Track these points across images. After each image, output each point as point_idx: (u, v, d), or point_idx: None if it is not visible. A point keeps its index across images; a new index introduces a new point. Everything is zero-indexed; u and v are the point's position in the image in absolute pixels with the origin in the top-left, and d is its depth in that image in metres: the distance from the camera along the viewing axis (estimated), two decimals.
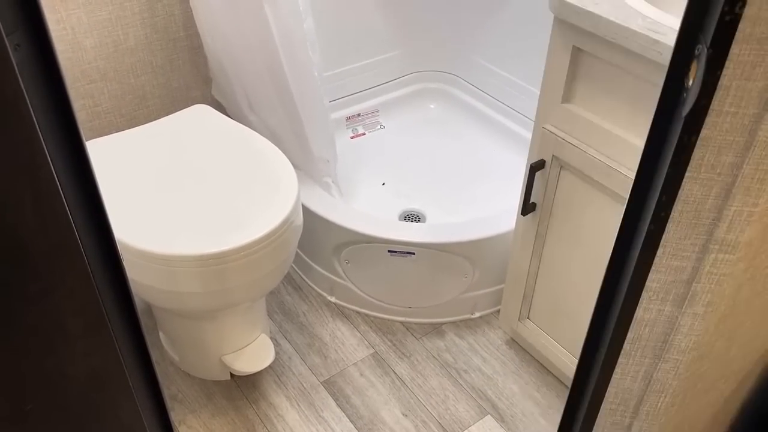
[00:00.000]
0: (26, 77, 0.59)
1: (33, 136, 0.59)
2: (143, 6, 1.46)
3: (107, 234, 0.75)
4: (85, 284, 0.69)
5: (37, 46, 0.62)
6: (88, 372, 0.72)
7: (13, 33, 0.60)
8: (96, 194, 0.72)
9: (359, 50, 1.93)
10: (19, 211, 0.60)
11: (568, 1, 1.07)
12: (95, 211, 0.73)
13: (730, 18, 0.47)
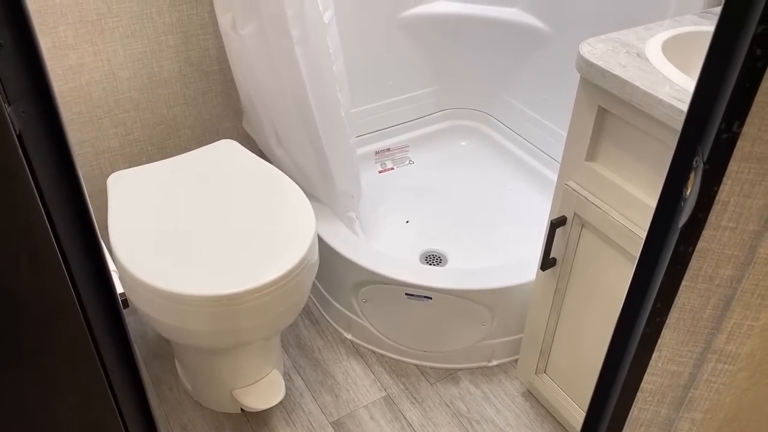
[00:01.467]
0: (30, 141, 0.61)
1: (31, 200, 0.60)
2: (178, 40, 1.49)
3: (109, 289, 0.76)
4: (81, 341, 0.70)
5: (42, 110, 0.63)
6: (83, 426, 0.73)
7: (19, 100, 0.61)
8: (99, 250, 0.73)
9: (393, 87, 1.94)
10: (15, 271, 0.61)
11: (595, 62, 1.05)
12: (98, 267, 0.74)
13: (727, 136, 0.45)
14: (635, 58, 1.06)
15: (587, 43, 1.10)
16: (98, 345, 0.72)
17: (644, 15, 1.44)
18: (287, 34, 1.35)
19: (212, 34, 1.53)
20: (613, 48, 1.09)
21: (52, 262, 0.64)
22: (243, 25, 1.42)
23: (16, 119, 0.60)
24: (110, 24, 1.39)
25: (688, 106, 0.47)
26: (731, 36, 0.43)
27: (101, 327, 0.73)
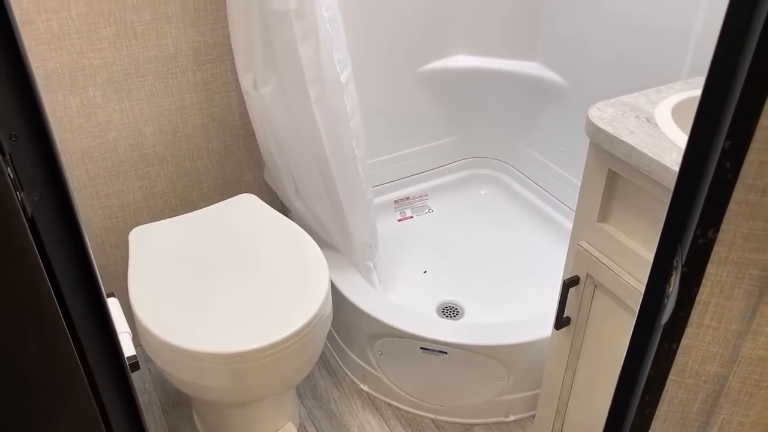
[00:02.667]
0: (42, 222, 0.64)
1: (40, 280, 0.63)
2: (202, 97, 1.55)
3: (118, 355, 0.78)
4: (87, 408, 0.72)
5: (54, 193, 0.66)
6: None
7: (32, 186, 0.65)
8: (108, 320, 0.75)
9: (411, 138, 1.96)
10: (23, 344, 0.64)
11: (603, 128, 1.05)
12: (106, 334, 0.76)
13: (704, 242, 0.45)
14: (644, 123, 1.06)
15: (597, 108, 1.11)
16: (105, 410, 0.74)
17: (659, 74, 1.45)
18: (306, 93, 1.39)
19: (235, 91, 1.58)
20: (623, 112, 1.10)
21: (59, 336, 0.66)
22: (263, 84, 1.47)
23: (28, 203, 0.64)
24: (137, 83, 1.45)
25: (667, 209, 0.48)
26: (702, 149, 0.44)
27: (109, 393, 0.76)
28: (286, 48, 1.36)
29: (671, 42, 1.41)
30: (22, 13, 1.27)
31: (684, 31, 1.37)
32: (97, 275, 0.72)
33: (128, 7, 1.36)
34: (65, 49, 1.35)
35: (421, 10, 1.75)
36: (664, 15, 1.41)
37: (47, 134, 0.64)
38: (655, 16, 1.44)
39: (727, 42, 0.39)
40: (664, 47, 1.43)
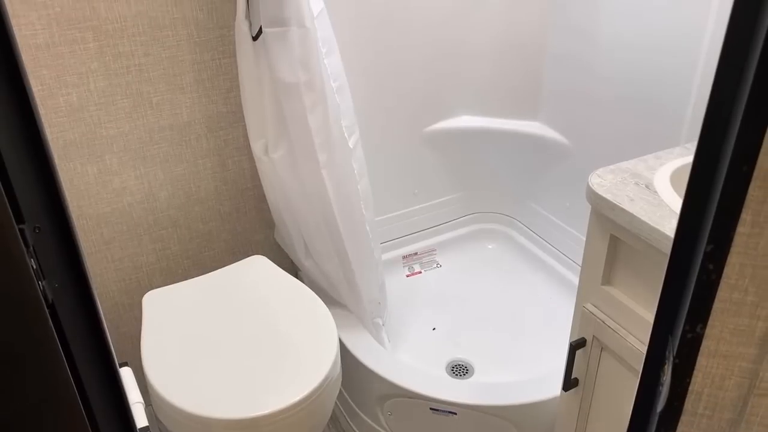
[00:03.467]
0: (62, 308, 0.67)
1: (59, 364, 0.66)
2: (215, 162, 1.59)
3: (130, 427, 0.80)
4: None
5: (75, 280, 0.69)
6: None
7: (53, 274, 0.68)
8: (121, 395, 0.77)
9: (419, 194, 2.00)
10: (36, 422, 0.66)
11: (604, 195, 1.08)
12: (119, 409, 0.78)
13: (692, 336, 0.48)
14: (644, 189, 1.09)
15: (597, 174, 1.15)
16: None
17: (658, 138, 1.48)
18: (315, 159, 1.44)
19: (246, 155, 1.63)
20: (623, 179, 1.13)
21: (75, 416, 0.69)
22: (274, 150, 1.52)
23: (49, 291, 0.67)
24: (152, 151, 1.50)
25: (657, 303, 0.50)
26: (687, 250, 0.46)
27: None
28: (296, 117, 1.41)
29: (670, 103, 1.45)
30: (44, 88, 1.34)
31: (683, 95, 1.41)
32: (113, 353, 0.74)
33: (144, 79, 1.42)
34: (84, 120, 1.40)
35: (425, 74, 1.81)
36: (663, 79, 1.46)
37: (69, 225, 0.67)
38: (654, 79, 1.48)
39: (699, 173, 0.42)
40: (664, 109, 1.47)
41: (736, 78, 0.38)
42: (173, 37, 1.41)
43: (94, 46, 1.34)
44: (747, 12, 0.40)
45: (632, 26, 1.49)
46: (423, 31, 1.74)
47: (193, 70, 1.47)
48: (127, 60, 1.39)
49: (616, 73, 1.58)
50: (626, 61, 1.54)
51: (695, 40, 1.35)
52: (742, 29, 0.42)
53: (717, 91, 0.40)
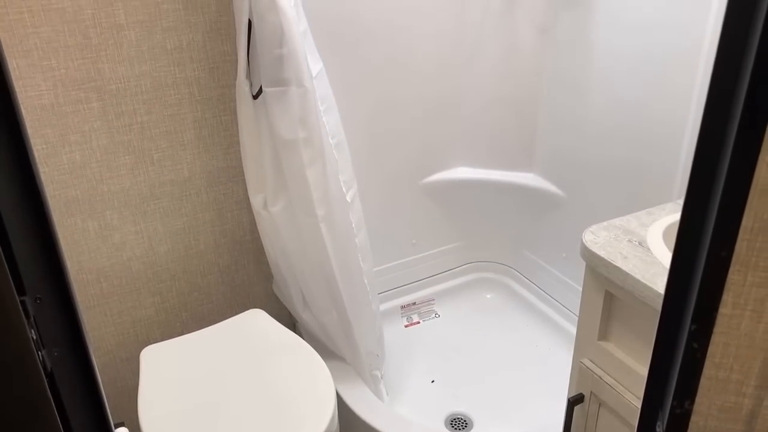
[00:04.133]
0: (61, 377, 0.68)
1: None
2: (214, 216, 1.61)
3: None
4: None
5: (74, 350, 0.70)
6: None
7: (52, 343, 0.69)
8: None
9: (417, 244, 2.01)
10: None
11: (597, 253, 1.10)
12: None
13: (681, 411, 0.48)
14: (637, 247, 1.11)
15: (590, 231, 1.16)
16: None
17: (651, 192, 1.51)
18: (313, 213, 1.45)
19: (246, 209, 1.64)
20: (616, 236, 1.14)
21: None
22: (273, 203, 1.54)
23: (48, 360, 0.68)
24: (152, 206, 1.52)
25: (646, 379, 0.51)
26: (673, 329, 0.47)
27: None
28: (295, 172, 1.43)
29: (661, 161, 1.47)
30: (47, 147, 1.36)
31: (673, 154, 1.44)
32: (110, 420, 0.74)
33: (146, 137, 1.45)
34: (85, 177, 1.43)
35: (423, 127, 1.84)
36: (653, 138, 1.49)
37: (69, 295, 0.69)
38: (645, 137, 1.51)
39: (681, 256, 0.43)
40: (655, 166, 1.50)
41: (710, 175, 0.40)
42: (175, 95, 1.45)
43: (97, 105, 1.38)
44: (717, 120, 0.43)
45: (624, 84, 1.53)
46: (420, 86, 1.78)
47: (195, 127, 1.50)
48: (129, 118, 1.42)
49: (608, 129, 1.61)
50: (618, 118, 1.57)
51: (684, 102, 1.38)
52: (711, 146, 0.44)
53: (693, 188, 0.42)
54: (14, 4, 1.23)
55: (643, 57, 1.46)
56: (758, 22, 0.41)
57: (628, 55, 1.50)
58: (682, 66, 1.38)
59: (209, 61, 1.46)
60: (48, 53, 1.29)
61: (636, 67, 1.49)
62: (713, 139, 0.39)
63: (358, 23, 1.64)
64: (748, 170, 0.39)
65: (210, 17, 1.42)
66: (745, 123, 0.36)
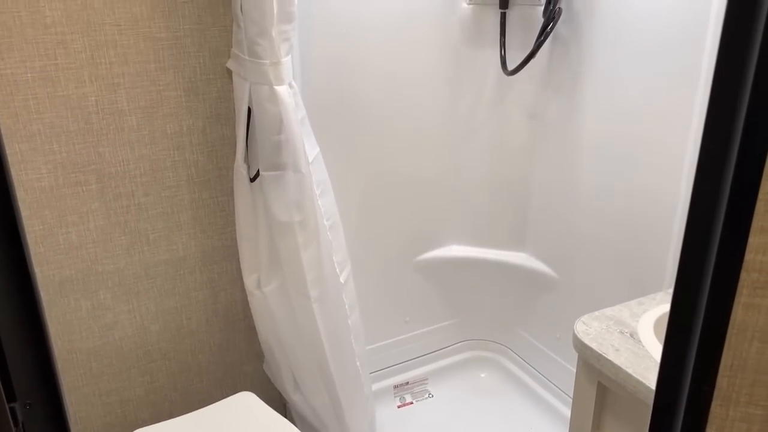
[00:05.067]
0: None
1: None
2: (207, 294, 1.61)
3: None
4: None
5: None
6: None
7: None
8: None
9: (411, 321, 2.01)
10: None
11: (589, 344, 1.10)
12: None
13: None
14: (628, 339, 1.11)
15: (582, 322, 1.17)
16: None
17: (642, 276, 1.52)
18: (306, 294, 1.46)
19: (239, 288, 1.65)
20: (607, 327, 1.15)
21: None
22: (267, 283, 1.54)
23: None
24: (146, 285, 1.53)
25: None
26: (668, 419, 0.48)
27: None
28: (290, 253, 1.44)
29: (652, 247, 1.49)
30: (45, 228, 1.38)
31: (663, 240, 1.46)
32: None
33: (143, 218, 1.47)
34: (81, 257, 1.43)
35: (416, 205, 1.87)
36: (644, 223, 1.51)
37: (60, 400, 0.69)
38: (635, 222, 1.54)
39: (663, 392, 0.44)
40: (646, 250, 1.52)
41: (689, 317, 0.42)
42: (173, 177, 1.47)
43: (96, 187, 1.40)
44: (707, 196, 0.44)
45: (613, 168, 1.57)
46: (414, 166, 1.82)
47: (191, 208, 1.52)
48: (127, 200, 1.44)
49: (598, 213, 1.64)
50: (607, 202, 1.60)
51: (672, 190, 1.42)
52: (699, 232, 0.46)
53: (672, 333, 0.43)
54: (20, 92, 1.27)
55: (631, 143, 1.50)
56: (736, 135, 0.44)
57: (616, 140, 1.55)
58: (668, 155, 1.42)
59: (208, 145, 1.49)
60: (50, 138, 1.32)
61: (624, 152, 1.53)
62: (690, 283, 0.40)
63: (355, 109, 1.68)
64: (725, 311, 0.40)
65: (210, 103, 1.46)
66: (719, 269, 0.38)
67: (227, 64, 1.40)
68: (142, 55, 1.35)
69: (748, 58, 0.44)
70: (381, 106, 1.72)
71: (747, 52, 0.43)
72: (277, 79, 1.31)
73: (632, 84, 1.47)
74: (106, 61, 1.32)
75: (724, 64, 0.39)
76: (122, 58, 1.34)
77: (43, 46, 1.26)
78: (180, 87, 1.41)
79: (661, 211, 1.45)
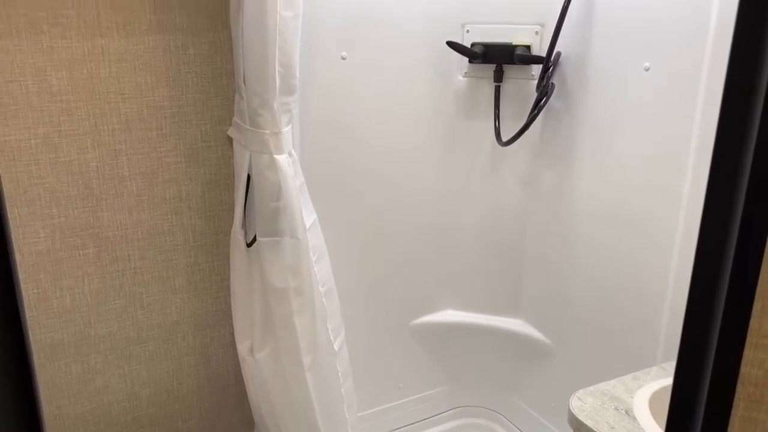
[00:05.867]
0: None
1: None
2: (199, 360, 1.60)
3: None
4: None
5: None
6: None
7: None
8: None
9: (404, 387, 1.99)
10: None
11: (584, 422, 1.09)
12: None
13: None
14: (623, 416, 1.10)
15: (577, 397, 1.16)
16: None
17: (636, 346, 1.52)
18: (299, 361, 1.45)
19: (231, 353, 1.63)
20: (602, 403, 1.14)
21: None
22: (259, 349, 1.53)
23: None
24: (138, 350, 1.51)
25: None
26: None
27: None
28: (284, 319, 1.44)
29: (645, 316, 1.50)
30: (39, 292, 1.37)
31: (656, 309, 1.47)
32: None
33: (138, 282, 1.47)
34: (74, 321, 1.42)
35: (411, 270, 1.88)
36: (636, 292, 1.52)
37: None
38: (628, 291, 1.55)
39: None
40: (639, 319, 1.52)
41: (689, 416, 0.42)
42: (170, 242, 1.48)
43: (93, 251, 1.40)
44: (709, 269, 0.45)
45: (606, 236, 1.59)
46: (409, 232, 1.83)
47: (187, 272, 1.52)
48: (123, 264, 1.44)
49: (591, 281, 1.65)
50: (600, 270, 1.61)
51: (665, 255, 1.44)
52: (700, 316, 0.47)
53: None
54: (23, 158, 1.29)
55: (623, 214, 1.53)
56: (733, 230, 0.45)
57: (608, 211, 1.57)
58: (660, 228, 1.44)
59: (206, 210, 1.50)
60: (50, 202, 1.34)
61: (616, 223, 1.55)
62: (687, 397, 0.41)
63: (352, 176, 1.71)
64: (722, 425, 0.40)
65: (210, 169, 1.48)
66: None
67: (228, 132, 1.43)
68: (145, 122, 1.38)
69: (743, 159, 0.45)
70: (377, 173, 1.74)
71: (743, 144, 0.45)
72: (277, 148, 1.34)
73: (623, 157, 1.51)
74: (108, 128, 1.35)
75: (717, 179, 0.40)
76: (125, 125, 1.36)
77: (48, 113, 1.29)
78: (180, 153, 1.44)
79: (653, 282, 1.47)
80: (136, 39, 1.32)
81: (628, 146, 1.49)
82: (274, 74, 1.27)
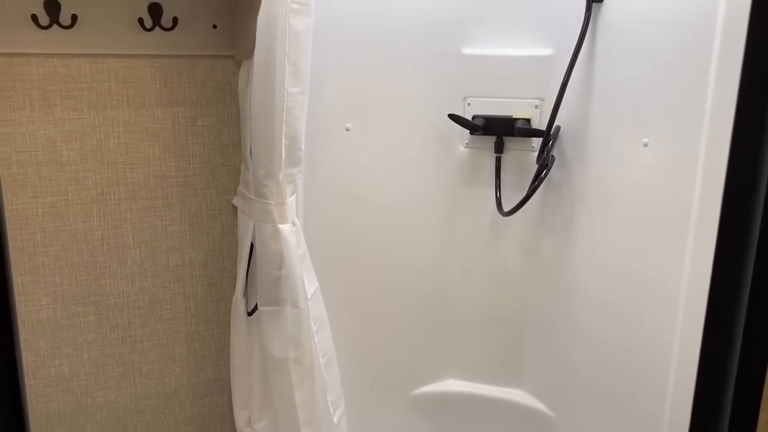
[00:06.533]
0: None
1: None
2: (196, 429, 1.57)
3: None
4: None
5: None
6: None
7: None
8: None
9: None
10: None
11: None
12: None
13: None
14: None
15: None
16: None
17: (641, 421, 1.50)
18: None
19: (229, 424, 1.61)
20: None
21: None
22: (258, 420, 1.51)
23: None
24: (134, 419, 1.49)
25: None
26: None
27: None
28: (283, 391, 1.42)
29: (648, 395, 1.48)
30: (37, 360, 1.36)
31: (659, 389, 1.45)
32: None
33: (137, 350, 1.46)
34: (71, 390, 1.41)
35: (412, 340, 1.86)
36: (638, 370, 1.51)
37: None
38: (630, 369, 1.53)
39: None
40: (642, 399, 1.50)
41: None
42: (171, 310, 1.48)
43: (93, 319, 1.40)
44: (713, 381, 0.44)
45: (608, 306, 1.58)
46: (411, 300, 1.83)
47: (187, 340, 1.51)
48: (123, 332, 1.43)
49: (594, 351, 1.63)
50: (603, 341, 1.60)
51: (668, 330, 1.43)
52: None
53: None
54: (29, 226, 1.30)
55: (625, 285, 1.53)
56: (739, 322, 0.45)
57: (609, 281, 1.57)
58: (661, 299, 1.44)
59: (208, 277, 1.51)
60: (53, 270, 1.34)
61: (618, 293, 1.55)
62: None
63: (354, 245, 1.72)
64: None
65: (213, 237, 1.49)
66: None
67: (233, 201, 1.45)
68: (151, 192, 1.40)
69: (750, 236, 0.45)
70: (380, 242, 1.75)
71: (749, 219, 0.45)
72: (281, 218, 1.35)
73: (623, 228, 1.52)
74: (115, 198, 1.37)
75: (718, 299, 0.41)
76: (131, 194, 1.38)
77: (56, 182, 1.31)
78: (185, 222, 1.45)
79: (656, 355, 1.45)
80: (146, 111, 1.36)
81: (628, 218, 1.51)
82: (281, 147, 1.30)
